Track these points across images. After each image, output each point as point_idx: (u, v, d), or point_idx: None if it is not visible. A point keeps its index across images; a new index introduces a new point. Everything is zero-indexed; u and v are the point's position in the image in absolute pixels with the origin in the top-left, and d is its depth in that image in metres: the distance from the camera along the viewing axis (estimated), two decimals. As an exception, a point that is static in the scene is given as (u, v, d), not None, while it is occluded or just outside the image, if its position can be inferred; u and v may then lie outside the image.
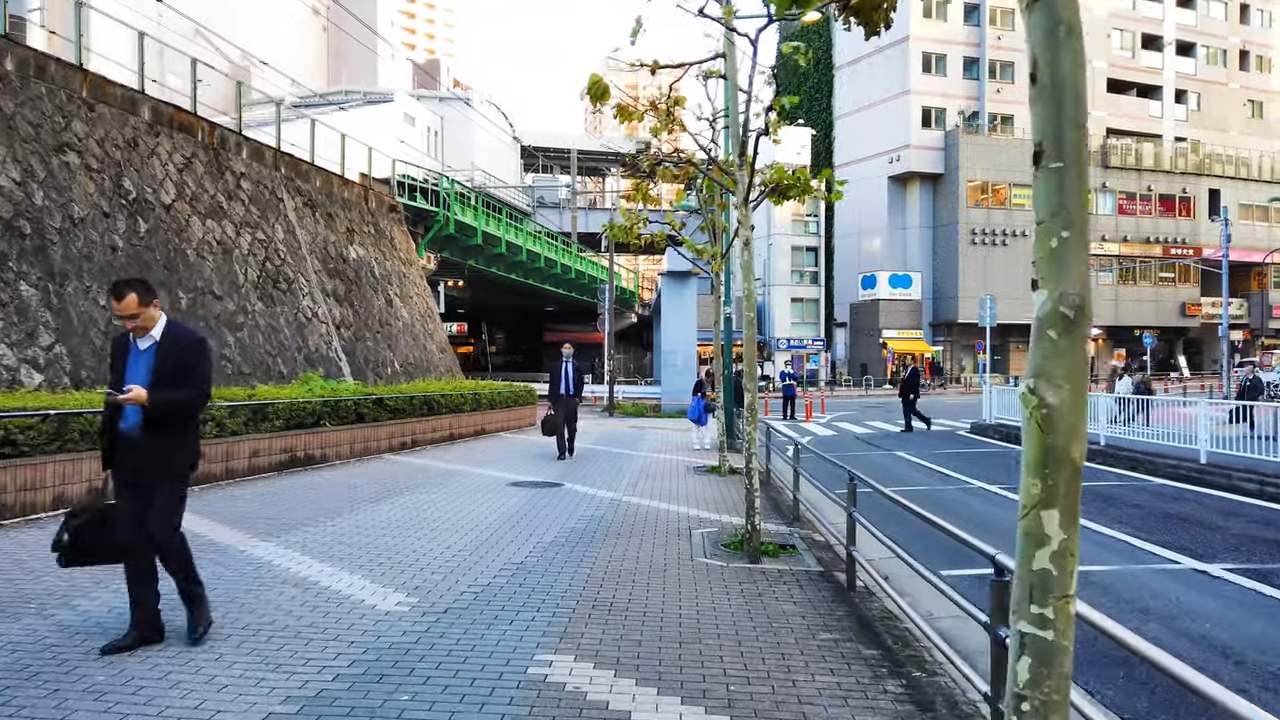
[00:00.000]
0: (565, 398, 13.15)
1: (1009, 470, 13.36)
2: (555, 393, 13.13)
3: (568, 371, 13.27)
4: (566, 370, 13.27)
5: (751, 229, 7.39)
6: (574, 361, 13.48)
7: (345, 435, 12.28)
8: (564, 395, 13.14)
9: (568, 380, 13.21)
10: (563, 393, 13.13)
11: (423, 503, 8.95)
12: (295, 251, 15.84)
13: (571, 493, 9.98)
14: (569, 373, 13.26)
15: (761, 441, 14.91)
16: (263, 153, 15.93)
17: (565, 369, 13.26)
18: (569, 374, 13.25)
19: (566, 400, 13.18)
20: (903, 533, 8.69)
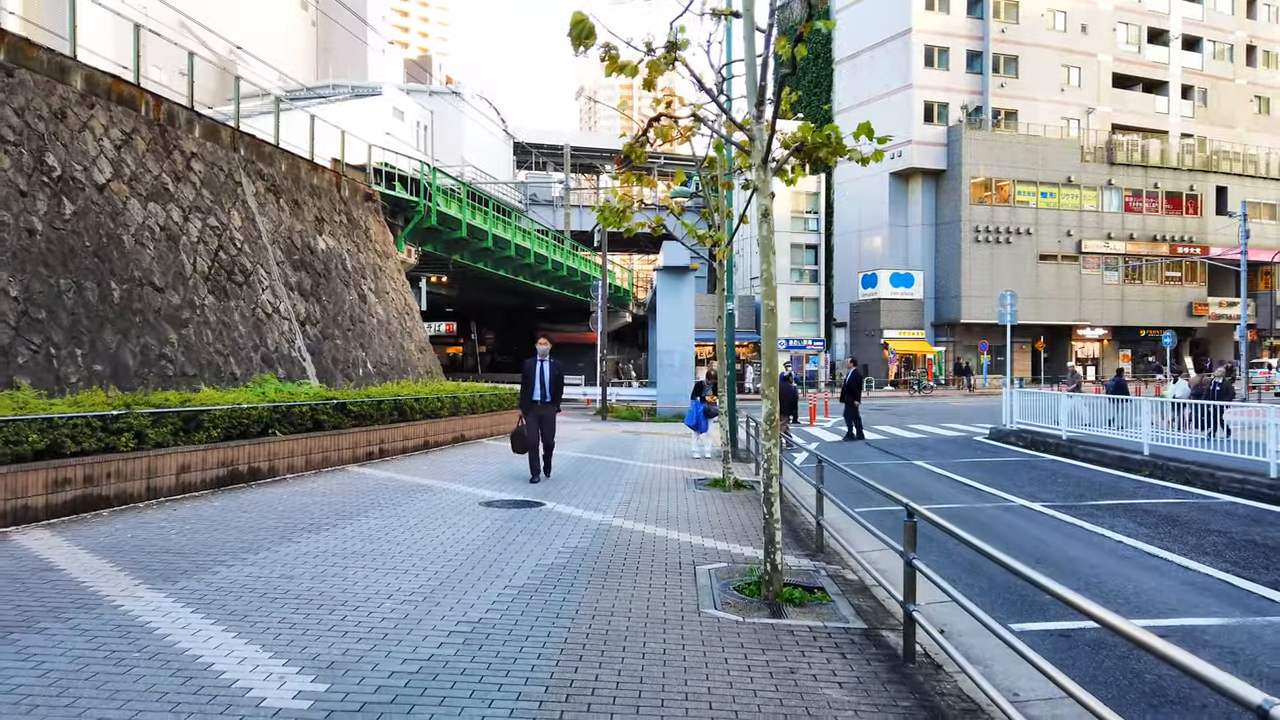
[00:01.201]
0: (540, 404, 10.83)
1: (1046, 483, 11.96)
2: (528, 398, 10.83)
3: (543, 372, 10.85)
4: (542, 370, 10.85)
5: (772, 196, 5.97)
6: (552, 360, 11.01)
7: (299, 445, 10.81)
8: (538, 401, 10.80)
9: (543, 383, 10.83)
10: (537, 398, 10.80)
11: (373, 530, 7.50)
12: (254, 241, 14.37)
13: (553, 515, 8.54)
14: (545, 374, 10.86)
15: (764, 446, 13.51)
16: (218, 131, 14.46)
17: (540, 369, 10.85)
18: (545, 375, 10.85)
19: (541, 408, 10.85)
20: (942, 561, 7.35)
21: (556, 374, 11.01)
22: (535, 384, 10.82)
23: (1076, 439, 15.23)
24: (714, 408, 14.97)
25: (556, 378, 11.01)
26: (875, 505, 9.60)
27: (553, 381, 10.94)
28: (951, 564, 7.26)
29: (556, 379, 11.00)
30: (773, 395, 5.90)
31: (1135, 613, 5.84)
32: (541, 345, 11.12)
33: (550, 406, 10.98)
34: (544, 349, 11.04)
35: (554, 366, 11.00)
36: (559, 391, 11.12)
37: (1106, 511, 9.67)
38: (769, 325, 5.91)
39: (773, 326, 5.92)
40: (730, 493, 10.65)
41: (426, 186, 21.71)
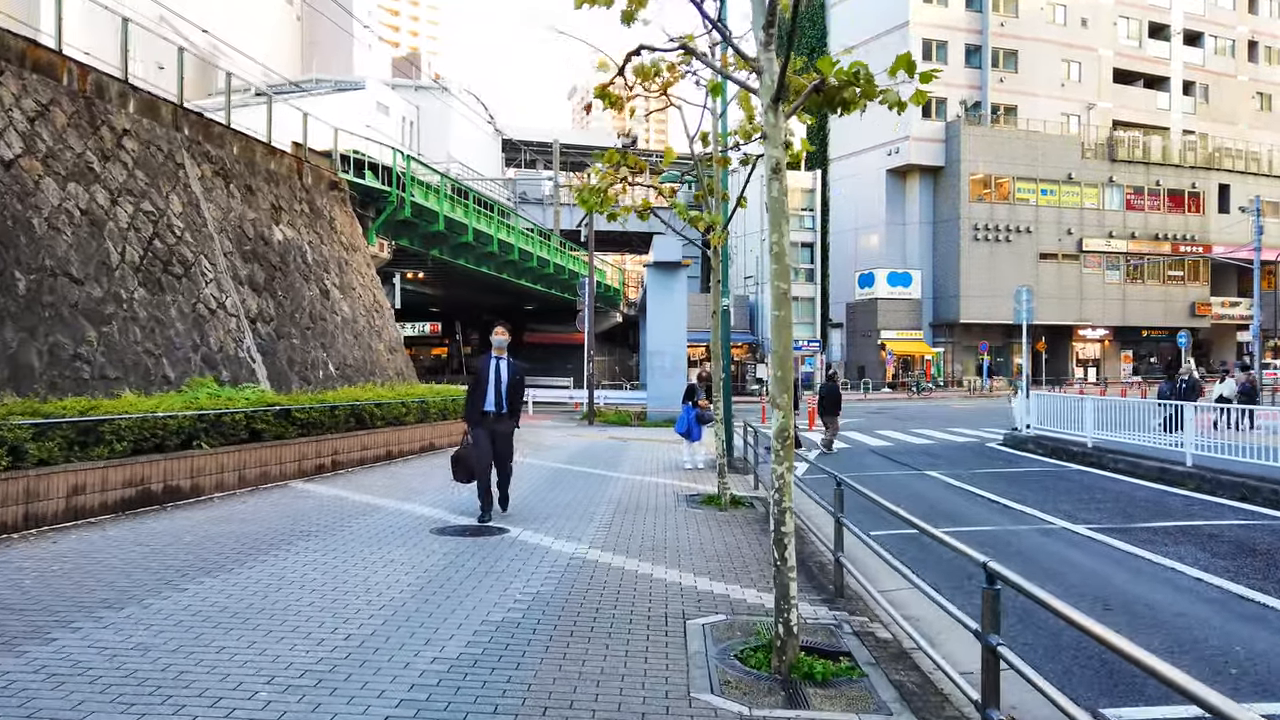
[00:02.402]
0: (493, 417, 8.13)
1: (1082, 500, 10.62)
2: (476, 408, 8.14)
3: (499, 373, 8.17)
4: (498, 371, 8.17)
5: (785, 146, 4.60)
6: (511, 359, 8.33)
7: (231, 459, 9.39)
8: (491, 413, 8.12)
9: (498, 388, 8.16)
10: (489, 408, 8.11)
11: (287, 570, 6.10)
12: (198, 229, 12.94)
13: (517, 545, 7.15)
14: (501, 376, 8.18)
15: (763, 457, 12.14)
16: (157, 108, 13.02)
17: (495, 370, 8.18)
18: (501, 378, 8.17)
19: (495, 421, 8.15)
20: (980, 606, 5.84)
21: (516, 377, 8.27)
22: (488, 389, 8.09)
23: (1105, 447, 13.91)
24: (707, 413, 13.60)
25: (515, 382, 8.26)
26: (892, 527, 8.25)
27: (511, 387, 8.20)
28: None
29: (515, 383, 8.26)
30: (786, 405, 4.52)
31: (1259, 691, 4.48)
32: (498, 335, 8.27)
33: (507, 420, 8.23)
34: (500, 339, 8.25)
35: (514, 368, 8.25)
36: (519, 399, 8.41)
37: (1165, 537, 8.32)
38: (781, 314, 4.54)
39: (786, 316, 4.55)
40: (726, 512, 9.29)
41: (400, 176, 20.28)
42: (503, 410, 8.20)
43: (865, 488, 6.74)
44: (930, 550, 7.54)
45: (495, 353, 8.24)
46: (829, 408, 16.90)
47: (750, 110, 5.19)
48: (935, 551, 7.58)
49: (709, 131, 10.75)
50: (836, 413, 17.00)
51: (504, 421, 8.24)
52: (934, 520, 9.26)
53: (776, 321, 4.55)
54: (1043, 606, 3.03)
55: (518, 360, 8.52)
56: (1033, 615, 5.69)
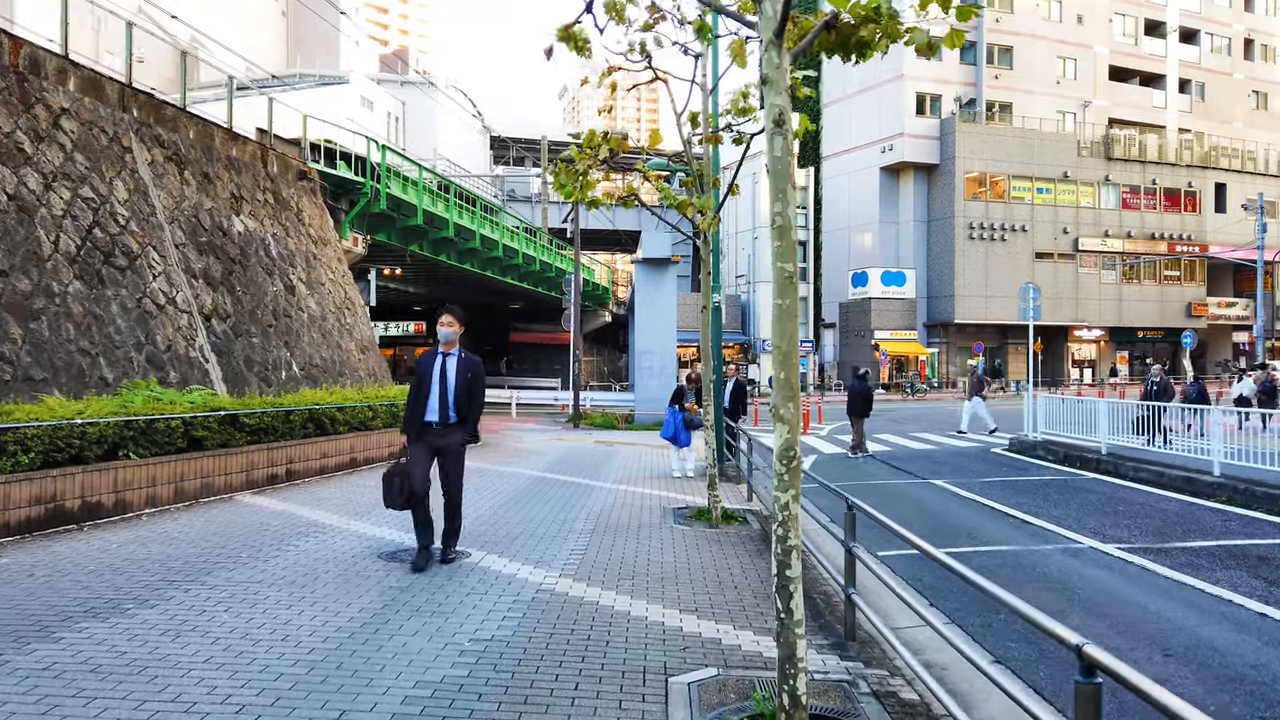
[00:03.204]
0: (438, 429, 6.31)
1: (1105, 513, 9.73)
2: (416, 416, 6.33)
3: (445, 374, 6.35)
4: (444, 372, 6.35)
5: (789, 92, 3.67)
6: (464, 355, 6.49)
7: (166, 470, 8.42)
8: (434, 424, 6.30)
9: (444, 392, 6.32)
10: (432, 418, 6.29)
11: (200, 609, 5.13)
12: (146, 218, 11.94)
13: (477, 574, 6.20)
14: (449, 377, 6.35)
15: (759, 465, 11.23)
16: (101, 86, 12.01)
17: (442, 370, 6.37)
18: (449, 379, 6.35)
19: (440, 434, 6.33)
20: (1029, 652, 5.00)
21: (468, 377, 6.38)
22: (432, 393, 6.30)
23: (1122, 454, 13.04)
24: (696, 418, 12.69)
25: (468, 383, 6.37)
26: (900, 548, 7.35)
27: (461, 388, 6.33)
28: (1036, 649, 4.97)
29: (468, 385, 6.37)
30: (793, 416, 3.59)
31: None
32: (445, 327, 6.39)
33: (456, 431, 6.36)
34: (448, 332, 6.38)
35: (466, 366, 6.41)
36: (474, 405, 6.46)
37: (1209, 559, 7.43)
38: (785, 303, 3.61)
39: (791, 305, 3.62)
40: (718, 529, 8.37)
41: (375, 167, 19.27)
42: (450, 419, 6.29)
43: (867, 499, 5.85)
44: (933, 568, 6.63)
45: (442, 348, 6.37)
46: (860, 409, 16.07)
47: (744, 59, 4.30)
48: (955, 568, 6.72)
49: (699, 112, 9.83)
50: (866, 414, 16.17)
51: (452, 433, 6.32)
52: (948, 537, 8.38)
53: (779, 312, 3.61)
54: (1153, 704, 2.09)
55: (472, 354, 6.54)
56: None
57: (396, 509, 6.33)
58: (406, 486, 6.18)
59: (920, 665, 4.09)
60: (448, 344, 6.43)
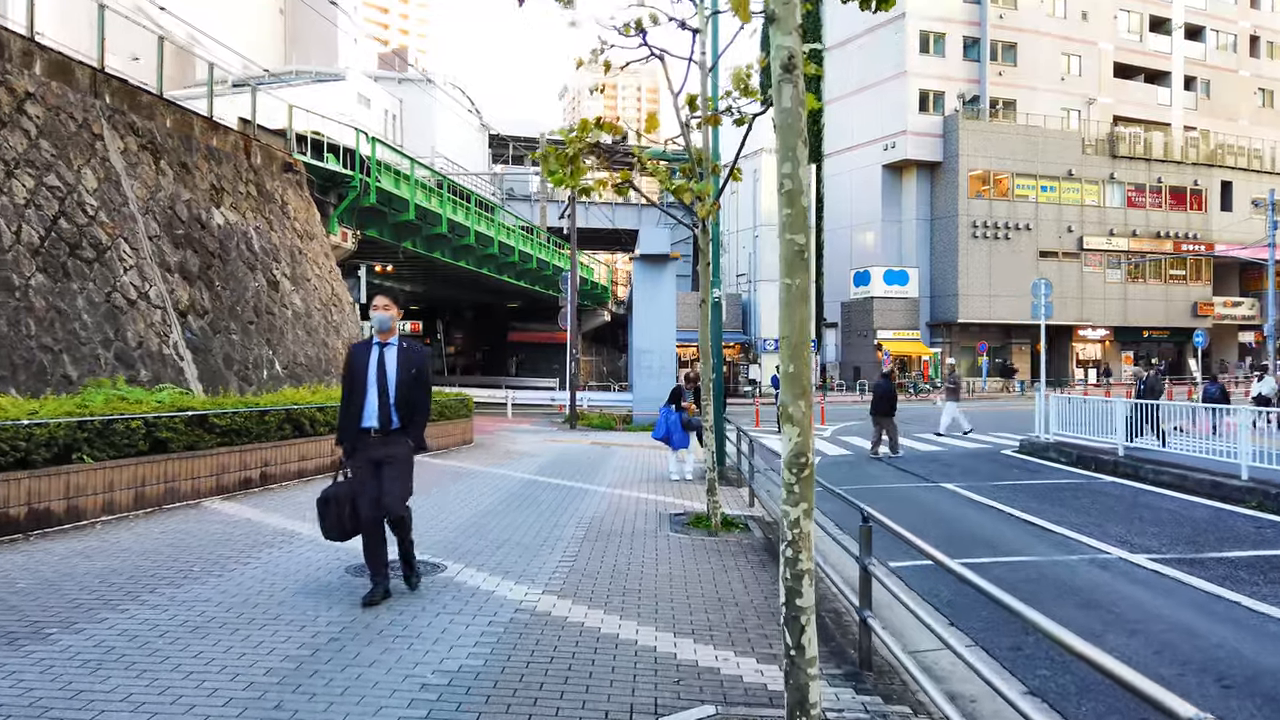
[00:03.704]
0: (379, 436, 5.18)
1: (1129, 520, 9.16)
2: (350, 424, 5.21)
3: (384, 370, 5.21)
4: (382, 368, 5.21)
5: (798, 32, 3.11)
6: (407, 345, 5.40)
7: (125, 474, 7.85)
8: (374, 431, 5.17)
9: (383, 391, 5.18)
10: (371, 424, 5.16)
11: (134, 635, 4.56)
12: (117, 209, 11.37)
13: (450, 591, 5.63)
14: (387, 373, 5.21)
15: (762, 468, 10.66)
16: (70, 70, 11.44)
17: (379, 362, 5.23)
18: (389, 375, 5.21)
19: (382, 443, 5.19)
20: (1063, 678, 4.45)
21: (412, 372, 5.25)
22: (368, 393, 5.14)
23: (1141, 457, 12.47)
24: (695, 419, 12.11)
25: (412, 379, 5.24)
26: (913, 557, 6.78)
27: (404, 385, 5.19)
28: (1074, 678, 4.39)
29: (412, 381, 5.25)
30: (802, 417, 3.02)
31: None
32: (380, 310, 5.35)
33: (399, 439, 5.22)
34: (384, 317, 5.32)
35: (409, 357, 5.26)
36: (419, 405, 5.31)
37: (1249, 571, 6.85)
38: (796, 284, 3.03)
39: (803, 285, 3.05)
40: (717, 537, 7.81)
41: (365, 159, 18.69)
42: (392, 424, 5.13)
43: (876, 504, 5.28)
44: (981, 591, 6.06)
45: (378, 336, 5.26)
46: (883, 408, 15.48)
47: (747, 11, 3.74)
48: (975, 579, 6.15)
49: (697, 95, 9.24)
50: (891, 414, 15.58)
51: (394, 442, 5.17)
52: (965, 547, 7.81)
53: (788, 294, 3.04)
54: None
55: (416, 343, 5.50)
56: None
57: (337, 540, 5.25)
58: (351, 512, 5.11)
59: (945, 699, 3.54)
60: (384, 332, 5.30)
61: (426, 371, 5.42)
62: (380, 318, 5.38)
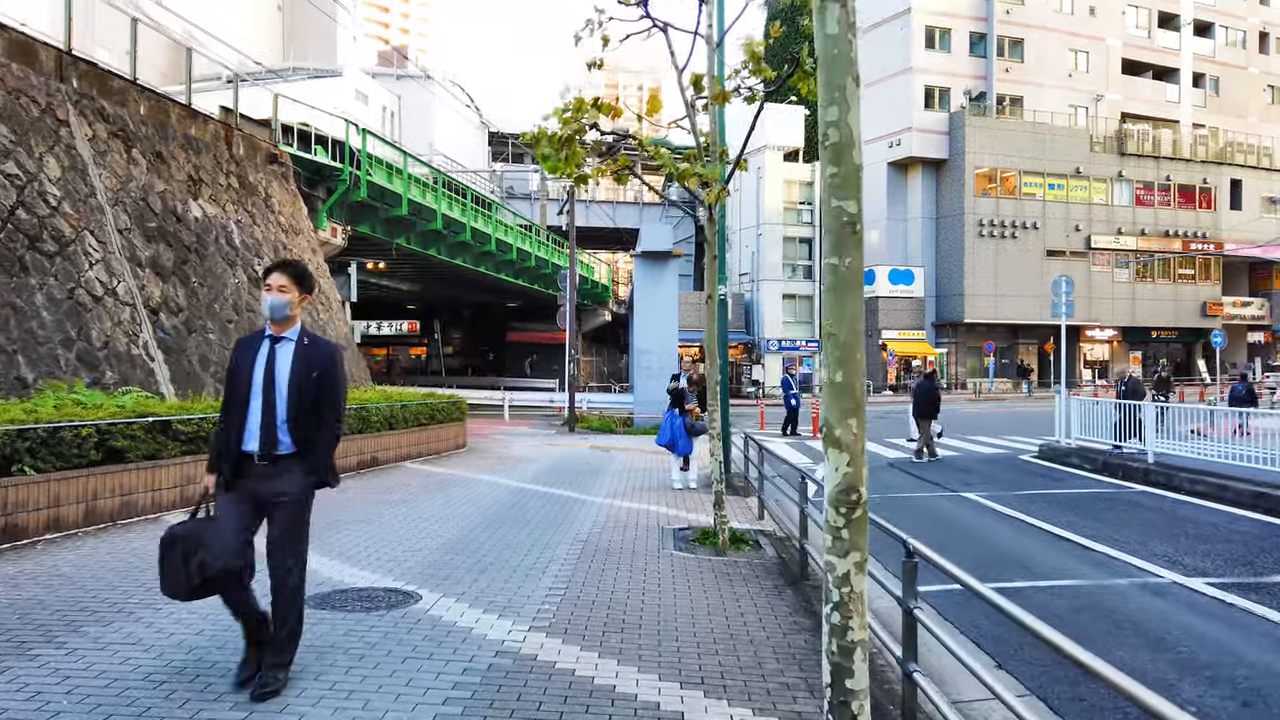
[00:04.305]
0: (258, 465, 3.76)
1: (1171, 535, 8.43)
2: (228, 446, 3.76)
3: (273, 373, 3.76)
4: (271, 370, 3.76)
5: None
6: (304, 341, 3.87)
7: (73, 487, 7.13)
8: (259, 456, 3.74)
9: (269, 404, 3.73)
10: (252, 448, 3.74)
11: (23, 698, 3.83)
12: (83, 199, 10.65)
13: (423, 628, 4.89)
14: (277, 379, 3.76)
15: (770, 475, 9.92)
16: (33, 51, 10.72)
17: (267, 366, 3.77)
18: (277, 382, 3.75)
19: (263, 476, 3.77)
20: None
21: (314, 376, 3.82)
22: (252, 404, 3.78)
23: (1173, 463, 11.73)
24: (699, 424, 11.40)
25: (314, 385, 3.81)
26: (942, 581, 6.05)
27: (300, 396, 3.79)
28: None
29: (310, 392, 3.80)
30: (853, 441, 2.29)
31: None
32: (276, 294, 3.84)
33: (292, 470, 3.82)
34: (278, 301, 3.83)
35: (309, 357, 3.85)
36: (324, 424, 3.86)
37: (1325, 599, 6.12)
38: (843, 265, 2.31)
39: (853, 268, 2.33)
40: (726, 556, 7.09)
41: (355, 152, 17.97)
42: (281, 447, 3.75)
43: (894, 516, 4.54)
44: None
45: (270, 329, 3.85)
46: (926, 410, 14.81)
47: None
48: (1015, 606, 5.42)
49: (702, 75, 8.51)
50: (934, 416, 14.94)
51: (286, 473, 3.79)
52: (998, 568, 7.08)
53: (835, 278, 2.32)
54: None
55: (322, 338, 4.06)
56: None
57: (181, 599, 3.81)
58: (201, 561, 3.61)
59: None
60: (279, 322, 3.82)
61: (336, 376, 3.89)
62: (272, 302, 3.82)
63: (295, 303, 3.92)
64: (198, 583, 3.66)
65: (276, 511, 3.82)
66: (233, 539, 3.70)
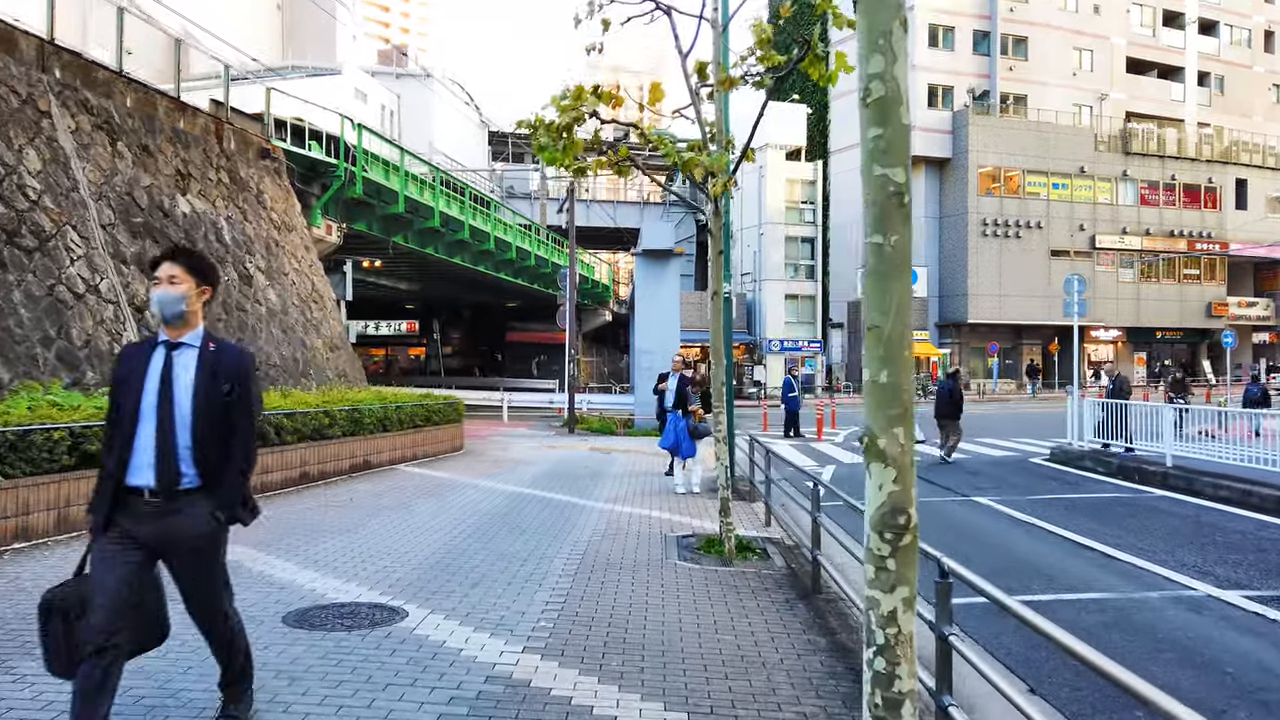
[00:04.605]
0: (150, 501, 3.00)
1: (1198, 544, 8.05)
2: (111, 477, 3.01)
3: (170, 385, 3.04)
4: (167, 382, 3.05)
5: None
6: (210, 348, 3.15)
7: (44, 493, 6.78)
8: (144, 494, 2.99)
9: (166, 423, 3.00)
10: (139, 483, 2.99)
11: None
12: (65, 193, 10.28)
13: (408, 649, 4.51)
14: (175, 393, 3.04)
15: (775, 479, 9.55)
16: (14, 41, 10.35)
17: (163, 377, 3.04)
18: (175, 397, 3.03)
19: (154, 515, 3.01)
20: None
21: (223, 391, 3.10)
22: (141, 426, 3.00)
23: (1193, 467, 11.35)
24: (702, 426, 11.02)
25: (223, 402, 3.10)
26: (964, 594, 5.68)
27: (208, 417, 3.06)
28: None
29: (220, 411, 3.10)
30: (900, 454, 1.92)
31: None
32: (164, 287, 3.07)
33: (195, 507, 3.06)
34: (169, 296, 3.07)
35: (218, 366, 3.12)
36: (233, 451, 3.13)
37: (1374, 615, 5.74)
38: (888, 244, 1.96)
39: (900, 246, 1.97)
40: (733, 566, 6.72)
41: (350, 147, 17.59)
42: (181, 480, 3.03)
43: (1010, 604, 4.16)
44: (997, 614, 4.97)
45: (165, 332, 3.13)
46: (948, 411, 14.43)
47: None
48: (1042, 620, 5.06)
49: (707, 63, 8.13)
50: (957, 418, 14.55)
51: (187, 512, 3.06)
52: (1020, 578, 6.70)
53: (881, 260, 1.97)
54: None
55: (230, 344, 3.33)
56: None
57: (62, 675, 2.96)
58: (78, 631, 2.92)
59: None
60: (174, 323, 3.09)
61: (250, 390, 3.19)
62: (161, 297, 3.08)
63: (193, 298, 3.13)
64: (60, 658, 2.94)
65: (177, 561, 3.09)
66: (108, 606, 2.87)
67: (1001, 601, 3.09)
